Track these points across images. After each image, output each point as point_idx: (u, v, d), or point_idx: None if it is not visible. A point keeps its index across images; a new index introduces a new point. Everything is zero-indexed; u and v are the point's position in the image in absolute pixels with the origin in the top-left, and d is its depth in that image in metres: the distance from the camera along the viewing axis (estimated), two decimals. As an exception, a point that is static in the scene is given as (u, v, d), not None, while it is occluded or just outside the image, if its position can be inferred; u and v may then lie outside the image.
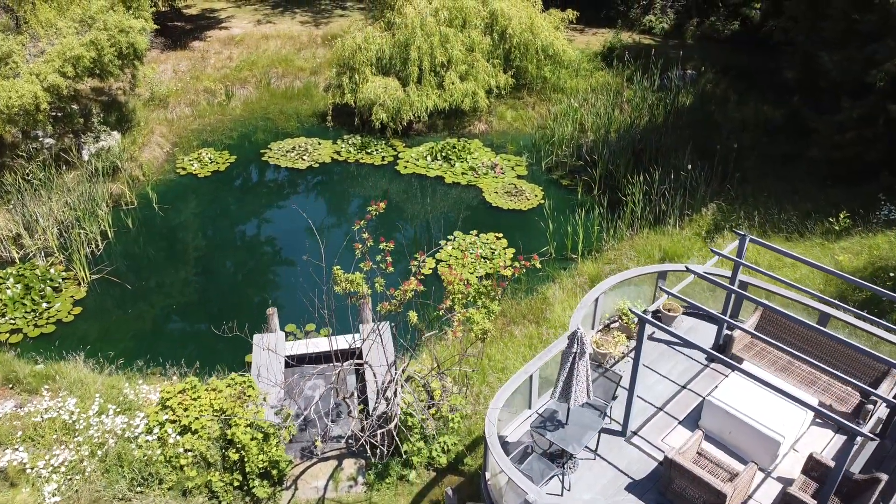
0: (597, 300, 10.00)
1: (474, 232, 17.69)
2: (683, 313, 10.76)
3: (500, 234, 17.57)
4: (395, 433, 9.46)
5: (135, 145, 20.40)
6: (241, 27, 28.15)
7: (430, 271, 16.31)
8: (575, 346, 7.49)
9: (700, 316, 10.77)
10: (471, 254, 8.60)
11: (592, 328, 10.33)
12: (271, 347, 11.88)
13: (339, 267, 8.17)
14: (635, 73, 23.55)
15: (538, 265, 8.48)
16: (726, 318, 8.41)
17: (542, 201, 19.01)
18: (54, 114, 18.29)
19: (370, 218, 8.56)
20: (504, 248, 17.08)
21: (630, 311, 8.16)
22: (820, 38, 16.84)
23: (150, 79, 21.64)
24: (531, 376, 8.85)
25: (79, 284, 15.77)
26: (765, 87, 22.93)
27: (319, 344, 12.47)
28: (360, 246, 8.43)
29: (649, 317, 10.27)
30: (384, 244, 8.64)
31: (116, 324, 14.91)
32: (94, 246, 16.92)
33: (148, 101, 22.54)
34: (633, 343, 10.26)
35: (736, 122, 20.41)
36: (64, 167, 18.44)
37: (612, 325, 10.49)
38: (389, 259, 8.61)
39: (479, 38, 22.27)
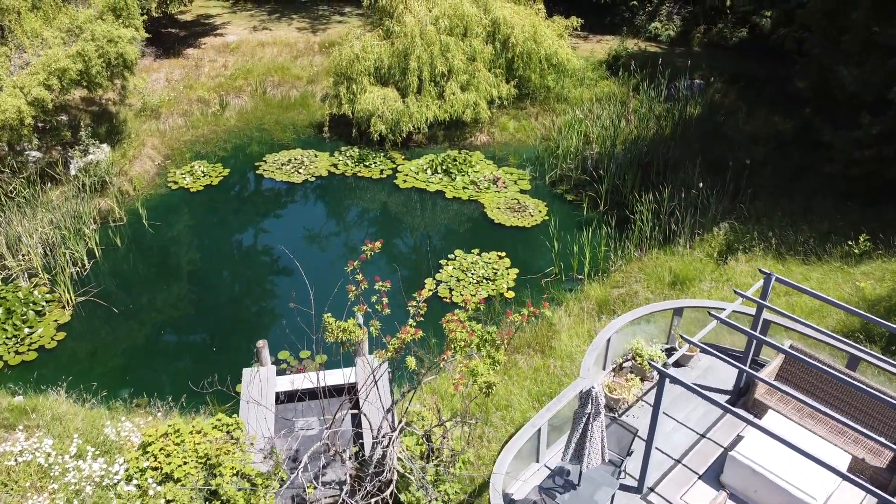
0: (608, 340, 9.32)
1: (476, 251, 17.03)
2: (702, 351, 10.06)
3: (503, 254, 16.90)
4: (392, 482, 8.79)
5: (125, 158, 19.72)
6: (236, 34, 27.47)
7: (430, 293, 15.63)
8: (589, 406, 6.81)
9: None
10: (473, 302, 7.89)
11: (604, 368, 9.65)
12: (261, 382, 11.19)
13: (329, 314, 7.49)
14: (642, 82, 22.87)
15: (547, 312, 7.78)
16: (746, 369, 7.73)
17: (547, 218, 18.33)
18: (41, 125, 17.62)
19: (364, 258, 7.88)
20: (507, 269, 16.42)
21: (649, 363, 7.47)
22: (837, 50, 16.15)
23: (141, 89, 20.97)
24: (539, 429, 8.17)
25: (63, 307, 15.09)
26: (775, 97, 22.24)
27: (312, 378, 11.76)
28: (354, 289, 7.75)
29: (664, 356, 9.62)
30: (380, 284, 7.95)
31: (101, 350, 14.23)
32: (80, 266, 16.24)
33: (140, 112, 21.86)
34: (647, 384, 9.59)
35: (747, 135, 19.72)
36: (49, 184, 17.75)
37: (624, 365, 9.81)
38: (385, 300, 7.93)
39: (480, 47, 21.59)
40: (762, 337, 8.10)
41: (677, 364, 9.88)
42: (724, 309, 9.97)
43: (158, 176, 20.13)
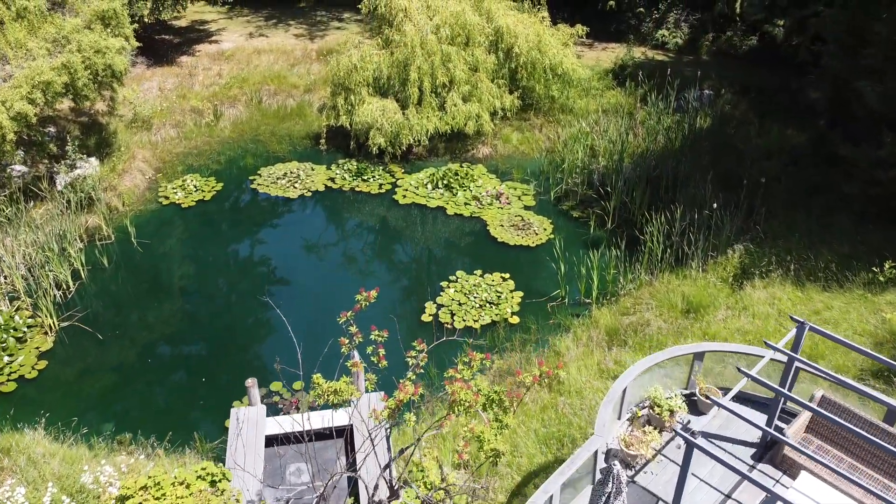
0: (625, 390, 8.59)
1: (478, 272, 16.31)
2: (728, 410, 9.31)
3: (507, 275, 16.18)
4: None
5: (114, 172, 18.99)
6: (231, 41, 26.74)
7: (431, 318, 14.94)
8: (610, 485, 6.10)
9: (744, 401, 9.33)
10: (478, 358, 7.16)
11: (619, 418, 8.91)
12: (250, 424, 10.48)
13: (319, 375, 6.77)
14: (649, 93, 22.13)
15: (561, 373, 7.06)
16: (772, 432, 7.01)
17: (552, 236, 17.60)
18: (26, 138, 16.89)
19: (359, 309, 7.16)
20: (511, 292, 15.70)
21: (675, 431, 6.74)
22: (857, 64, 15.42)
23: (131, 99, 20.24)
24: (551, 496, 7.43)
25: (46, 333, 14.37)
26: (787, 108, 21.50)
27: (303, 420, 11.03)
28: (347, 342, 7.03)
29: (685, 406, 8.89)
30: (376, 333, 7.23)
31: (84, 380, 13.51)
32: (64, 287, 15.52)
33: (131, 123, 21.13)
34: (665, 434, 8.85)
35: (759, 149, 18.97)
36: (32, 202, 17.00)
37: (640, 413, 9.08)
38: (382, 352, 7.21)
39: (483, 57, 20.86)
40: (791, 395, 7.37)
41: (697, 412, 9.15)
42: (748, 353, 9.26)
43: (149, 190, 19.40)
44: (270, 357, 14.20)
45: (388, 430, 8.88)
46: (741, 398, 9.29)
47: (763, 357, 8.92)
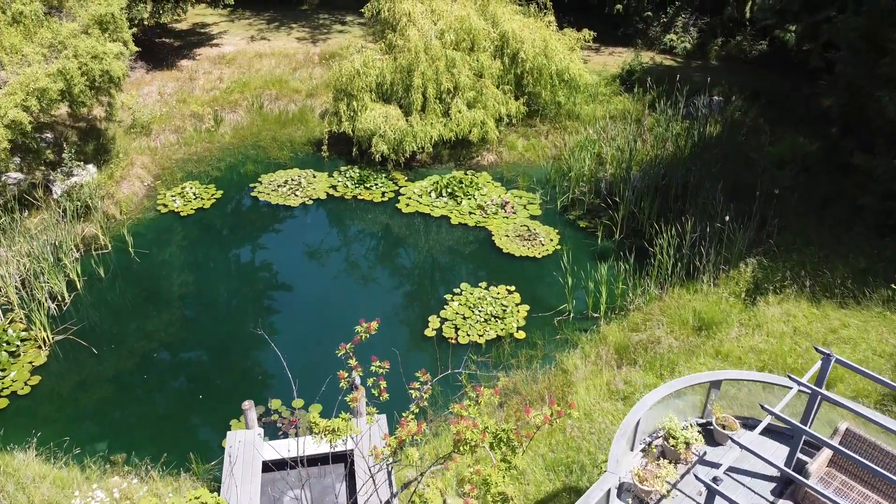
0: (639, 421, 8.18)
1: (483, 284, 15.92)
2: (742, 425, 8.92)
3: (512, 288, 15.78)
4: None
5: (112, 180, 18.63)
6: (233, 44, 26.36)
7: (434, 333, 14.55)
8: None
9: (765, 431, 8.90)
10: (486, 393, 6.76)
11: (631, 450, 8.50)
12: (247, 449, 10.10)
13: (315, 412, 6.37)
14: (658, 99, 21.70)
15: (574, 412, 6.66)
16: (793, 474, 6.61)
17: (559, 247, 17.19)
18: (21, 144, 16.52)
19: (358, 341, 6.77)
20: (517, 305, 15.30)
21: (697, 478, 6.33)
22: (873, 73, 14.98)
23: (130, 105, 19.87)
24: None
25: (39, 348, 14.01)
26: (798, 115, 21.04)
27: (301, 445, 10.65)
28: (346, 375, 6.64)
29: (702, 438, 8.48)
30: (376, 364, 6.84)
31: (78, 397, 13.14)
32: (60, 299, 15.16)
33: (129, 129, 20.75)
34: (680, 467, 8.44)
35: (771, 157, 18.52)
36: (27, 211, 16.63)
37: (654, 443, 8.67)
38: (383, 384, 6.81)
39: (488, 63, 20.45)
40: (814, 434, 6.95)
41: (714, 442, 8.74)
42: (768, 381, 8.84)
43: (147, 198, 19.03)
44: (270, 373, 13.83)
45: (391, 466, 8.48)
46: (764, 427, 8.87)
47: (782, 385, 8.52)
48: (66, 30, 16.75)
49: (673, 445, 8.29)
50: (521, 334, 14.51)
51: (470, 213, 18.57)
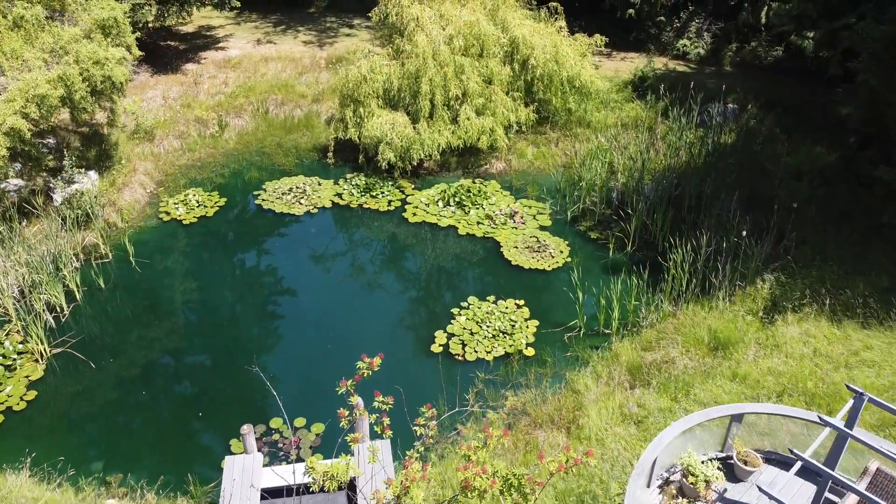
0: (656, 459, 7.74)
1: (491, 298, 15.50)
2: (765, 460, 8.48)
3: (521, 302, 15.36)
4: None
5: (114, 187, 18.31)
6: (239, 47, 26.03)
7: (441, 348, 14.14)
8: None
9: (790, 466, 8.46)
10: (496, 434, 6.33)
11: (648, 486, 8.07)
12: (245, 475, 9.72)
13: (313, 459, 5.96)
14: (671, 106, 21.21)
15: (591, 460, 6.22)
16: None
17: (569, 259, 16.76)
18: (21, 151, 16.21)
19: (360, 379, 6.36)
20: (526, 320, 14.88)
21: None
22: (897, 83, 14.49)
23: (133, 110, 19.54)
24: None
25: (37, 361, 13.68)
26: (816, 124, 20.51)
27: (301, 472, 10.27)
28: (347, 414, 6.24)
29: (723, 476, 8.04)
30: (380, 400, 6.44)
31: (75, 413, 12.81)
32: (59, 310, 14.84)
33: (133, 134, 20.42)
34: (699, 505, 8.00)
35: (788, 168, 18.01)
36: (26, 220, 16.31)
37: (671, 479, 8.23)
38: (387, 421, 6.41)
39: (497, 69, 20.02)
40: (843, 479, 6.50)
41: (734, 478, 8.30)
42: (793, 416, 8.39)
43: (150, 205, 18.70)
44: (272, 389, 13.45)
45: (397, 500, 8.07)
46: (787, 462, 8.44)
47: (808, 420, 8.08)
48: (67, 34, 16.44)
49: (692, 483, 7.86)
50: (531, 351, 14.10)
51: (478, 223, 18.16)
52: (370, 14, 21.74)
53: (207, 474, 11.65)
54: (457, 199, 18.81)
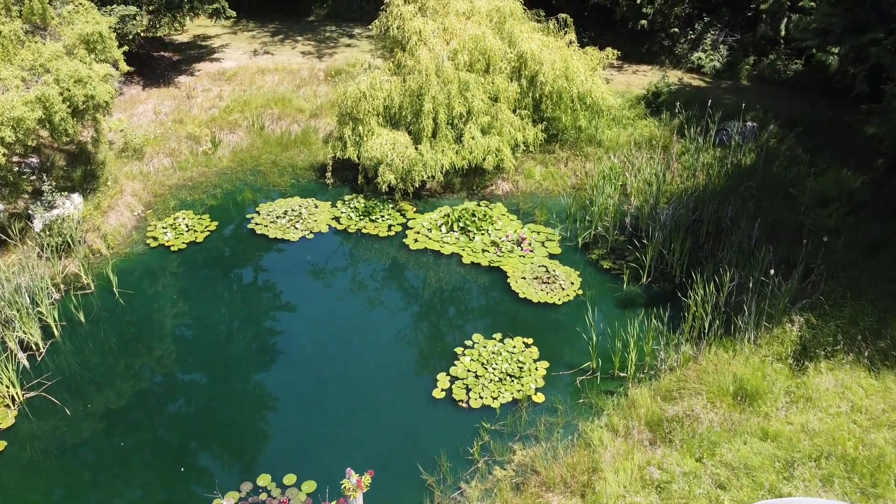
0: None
1: (497, 335, 14.49)
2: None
3: (530, 340, 14.34)
4: None
5: (98, 210, 17.34)
6: (234, 58, 25.05)
7: (444, 394, 13.13)
8: None
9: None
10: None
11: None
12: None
13: None
14: (686, 124, 20.15)
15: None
16: None
17: (580, 292, 15.72)
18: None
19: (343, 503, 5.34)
20: (535, 361, 13.86)
21: None
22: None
23: (120, 128, 18.56)
24: None
25: (7, 407, 12.71)
26: (840, 143, 19.44)
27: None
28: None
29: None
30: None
31: (45, 468, 11.80)
32: (34, 348, 13.87)
33: (121, 152, 19.45)
34: None
35: (815, 195, 16.93)
36: (1, 249, 15.34)
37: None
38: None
39: (504, 85, 18.99)
40: None
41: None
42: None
43: (136, 230, 17.71)
44: (261, 439, 12.47)
45: None
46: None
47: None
48: (48, 51, 15.47)
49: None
50: (540, 397, 13.08)
51: (483, 250, 17.13)
52: (371, 26, 20.75)
53: (187, 540, 10.67)
54: (461, 224, 17.78)
